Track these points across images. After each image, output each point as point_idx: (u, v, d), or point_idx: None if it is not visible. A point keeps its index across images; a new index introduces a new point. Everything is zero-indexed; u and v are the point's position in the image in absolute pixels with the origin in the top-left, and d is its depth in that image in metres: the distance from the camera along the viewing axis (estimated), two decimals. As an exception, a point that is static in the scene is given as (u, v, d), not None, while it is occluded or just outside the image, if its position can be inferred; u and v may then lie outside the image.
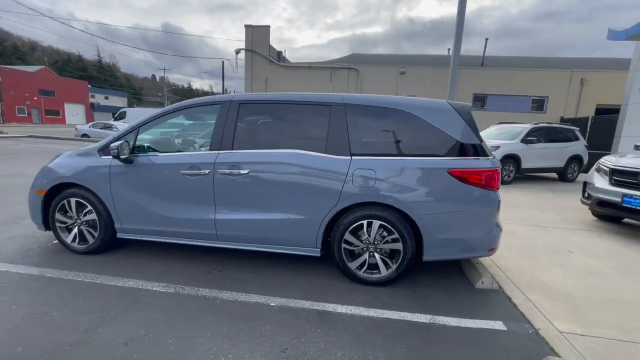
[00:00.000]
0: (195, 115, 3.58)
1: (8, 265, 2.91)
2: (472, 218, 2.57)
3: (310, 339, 2.05)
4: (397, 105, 2.69)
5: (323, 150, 2.69)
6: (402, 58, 20.53)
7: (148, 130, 3.13)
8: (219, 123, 2.89)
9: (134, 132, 3.05)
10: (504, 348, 2.01)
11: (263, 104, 2.91)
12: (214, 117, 3.04)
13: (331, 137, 2.70)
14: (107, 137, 3.23)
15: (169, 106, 3.10)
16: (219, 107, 2.93)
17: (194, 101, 3.07)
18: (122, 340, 1.98)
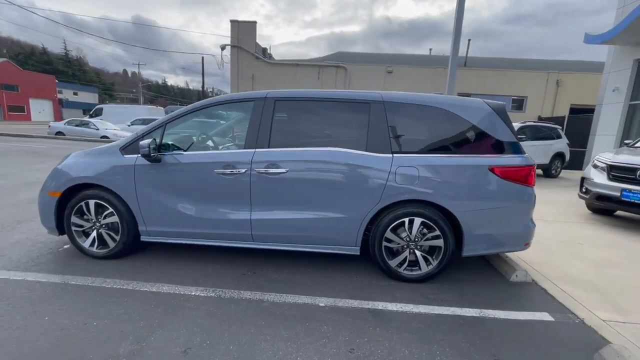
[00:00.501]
0: (212, 114, 3.45)
1: (23, 274, 2.69)
2: (510, 214, 2.65)
3: (373, 338, 2.04)
4: (437, 103, 2.72)
5: (364, 148, 2.68)
6: (387, 57, 20.80)
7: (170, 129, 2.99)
8: (253, 120, 2.80)
9: (161, 130, 2.90)
10: (558, 338, 2.09)
11: (299, 101, 2.84)
12: (242, 115, 2.96)
13: (371, 134, 2.69)
14: (129, 135, 3.05)
15: (198, 102, 2.97)
16: (253, 104, 2.84)
17: (226, 97, 2.96)
18: (180, 349, 1.88)
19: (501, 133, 2.66)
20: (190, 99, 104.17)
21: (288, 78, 17.77)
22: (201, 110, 2.95)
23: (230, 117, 3.88)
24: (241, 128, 3.10)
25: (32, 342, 1.89)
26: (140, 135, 2.92)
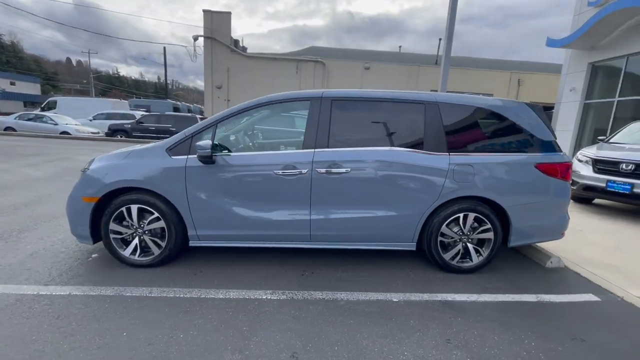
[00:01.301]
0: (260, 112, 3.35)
1: (66, 288, 2.47)
2: (551, 206, 2.92)
3: (460, 328, 2.17)
4: (485, 104, 2.89)
5: (421, 147, 2.78)
6: (362, 53, 21.10)
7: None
8: (311, 120, 2.78)
9: (212, 129, 2.78)
10: (611, 315, 2.37)
11: (355, 101, 2.86)
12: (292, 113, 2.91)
13: (428, 134, 2.80)
14: (175, 135, 2.87)
15: (251, 101, 2.87)
16: (310, 103, 2.82)
17: (281, 96, 2.89)
18: (287, 355, 1.87)
19: (542, 132, 2.90)
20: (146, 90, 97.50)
21: (265, 72, 17.40)
22: (255, 109, 2.86)
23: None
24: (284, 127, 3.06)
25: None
26: (189, 135, 2.77)
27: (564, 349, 1.99)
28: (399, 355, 1.89)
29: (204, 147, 2.52)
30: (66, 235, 3.50)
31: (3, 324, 2.02)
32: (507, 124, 2.88)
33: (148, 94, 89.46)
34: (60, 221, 3.90)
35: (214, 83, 17.37)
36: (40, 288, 2.45)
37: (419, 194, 2.76)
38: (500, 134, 2.89)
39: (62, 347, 1.84)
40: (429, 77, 17.72)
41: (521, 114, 2.90)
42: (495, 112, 2.88)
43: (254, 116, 3.11)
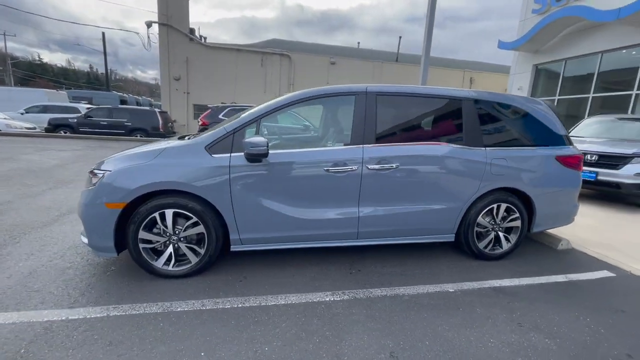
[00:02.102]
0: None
1: (95, 309, 2.14)
2: (567, 195, 3.22)
3: (523, 311, 2.31)
4: (514, 102, 3.09)
5: (462, 142, 2.88)
6: (326, 48, 21.12)
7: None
8: (358, 115, 2.72)
9: (256, 125, 2.58)
10: (630, 288, 2.71)
11: (397, 96, 2.86)
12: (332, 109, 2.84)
13: (467, 130, 2.91)
14: (211, 131, 2.61)
15: (295, 95, 2.72)
16: (355, 98, 2.75)
17: (327, 90, 2.77)
18: (386, 355, 1.83)
19: (558, 127, 3.18)
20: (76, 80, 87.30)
21: (228, 64, 16.59)
22: (299, 103, 2.71)
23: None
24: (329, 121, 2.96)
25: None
26: (230, 132, 2.54)
27: (614, 321, 2.23)
28: (487, 342, 1.97)
29: (259, 144, 2.33)
30: (61, 247, 3.04)
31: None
32: (532, 120, 3.11)
33: (80, 84, 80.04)
34: (41, 232, 3.37)
35: (171, 74, 16.11)
36: (67, 312, 2.10)
37: (462, 187, 2.87)
38: (526, 129, 3.11)
39: (141, 377, 1.59)
40: (392, 73, 18.39)
41: (541, 110, 3.15)
42: (523, 109, 3.09)
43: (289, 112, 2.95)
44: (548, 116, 3.16)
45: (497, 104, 3.04)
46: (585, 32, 10.79)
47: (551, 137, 3.15)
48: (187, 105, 16.66)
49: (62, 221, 3.76)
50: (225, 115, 8.19)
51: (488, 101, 3.01)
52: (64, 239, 3.27)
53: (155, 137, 13.04)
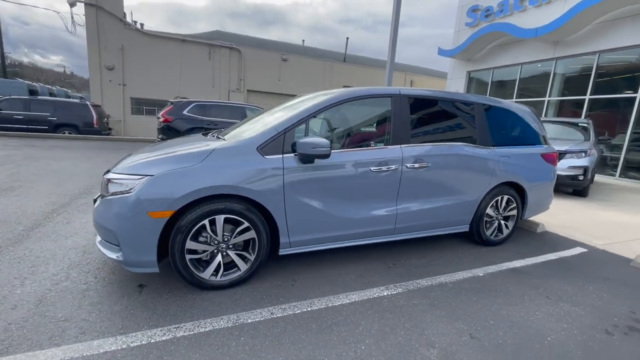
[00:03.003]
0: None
1: (155, 332, 1.92)
2: (547, 186, 3.82)
3: (544, 286, 2.72)
4: (511, 107, 3.55)
5: (475, 142, 3.22)
6: (272, 43, 20.74)
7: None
8: (396, 117, 2.86)
9: (304, 126, 2.54)
10: (601, 260, 3.36)
11: (424, 100, 3.06)
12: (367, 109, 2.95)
13: (479, 131, 3.26)
14: (262, 131, 2.47)
15: (338, 95, 2.71)
16: (391, 100, 2.88)
17: (367, 91, 2.83)
18: (467, 337, 2.01)
19: (540, 129, 3.75)
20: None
21: (172, 55, 15.25)
22: (344, 103, 2.73)
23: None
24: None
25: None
26: (281, 132, 2.45)
27: (608, 287, 2.77)
28: (535, 315, 2.29)
29: (321, 144, 2.30)
30: (58, 266, 2.62)
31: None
32: (524, 123, 3.61)
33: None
34: (16, 252, 2.83)
35: (102, 63, 14.16)
36: (124, 339, 1.84)
37: (478, 182, 3.22)
38: (521, 131, 3.60)
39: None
40: (341, 73, 18.96)
41: (529, 115, 3.68)
42: (516, 113, 3.57)
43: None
44: (533, 119, 3.71)
45: (499, 109, 3.47)
46: (509, 46, 12.57)
47: (536, 137, 3.70)
48: (123, 99, 14.87)
49: (34, 236, 3.16)
50: (191, 112, 7.58)
51: (491, 105, 3.41)
52: (54, 256, 2.77)
53: (89, 135, 11.42)
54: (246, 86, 16.92)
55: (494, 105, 3.44)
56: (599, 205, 5.70)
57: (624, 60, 9.47)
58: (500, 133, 3.44)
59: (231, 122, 7.93)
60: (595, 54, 10.04)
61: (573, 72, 10.96)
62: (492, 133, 3.34)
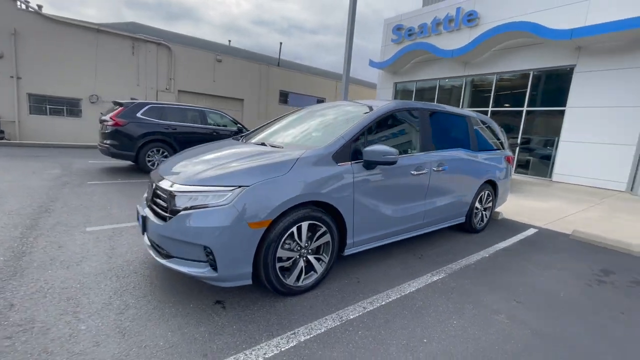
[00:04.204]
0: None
1: (278, 341, 1.96)
2: (508, 182, 4.80)
3: (538, 260, 3.51)
4: (486, 120, 4.38)
5: (469, 148, 3.93)
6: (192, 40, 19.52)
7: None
8: (423, 127, 3.32)
9: (364, 135, 2.78)
10: (551, 236, 4.43)
11: (437, 112, 3.60)
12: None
13: (471, 139, 3.98)
14: (333, 141, 2.60)
15: (386, 107, 3.01)
16: (419, 112, 3.33)
17: (408, 104, 3.22)
18: (513, 303, 2.57)
19: (500, 136, 4.72)
20: None
21: (84, 46, 13.09)
22: (394, 113, 3.07)
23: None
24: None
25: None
26: (349, 141, 2.65)
27: (569, 255, 3.74)
28: (541, 280, 3.00)
29: (391, 152, 2.57)
30: (105, 296, 2.36)
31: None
32: (494, 132, 4.51)
33: None
34: (28, 283, 2.41)
35: (-14, 49, 11.30)
36: (255, 353, 1.83)
37: (474, 181, 3.93)
38: (491, 138, 4.48)
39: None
40: (277, 77, 19.03)
41: (495, 125, 4.61)
42: (489, 124, 4.43)
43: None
44: (499, 129, 4.66)
45: (481, 121, 4.27)
46: (429, 62, 14.61)
47: (501, 143, 4.66)
48: (16, 95, 12.11)
49: (30, 266, 2.67)
50: (146, 114, 6.79)
51: (477, 118, 4.19)
52: (85, 285, 2.41)
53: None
54: (177, 86, 15.61)
55: (479, 118, 4.23)
56: (518, 196, 7.24)
57: (514, 80, 12.05)
58: (482, 140, 4.24)
59: (192, 126, 7.41)
60: (494, 74, 12.51)
61: (479, 88, 13.40)
62: (478, 141, 4.11)
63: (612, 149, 9.54)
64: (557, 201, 6.85)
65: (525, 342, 2.08)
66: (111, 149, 6.48)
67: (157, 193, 2.45)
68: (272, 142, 2.97)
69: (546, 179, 10.82)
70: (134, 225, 3.72)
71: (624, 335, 2.25)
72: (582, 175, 10.07)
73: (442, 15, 13.86)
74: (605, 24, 8.90)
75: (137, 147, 6.61)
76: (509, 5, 11.65)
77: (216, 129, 7.81)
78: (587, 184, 9.88)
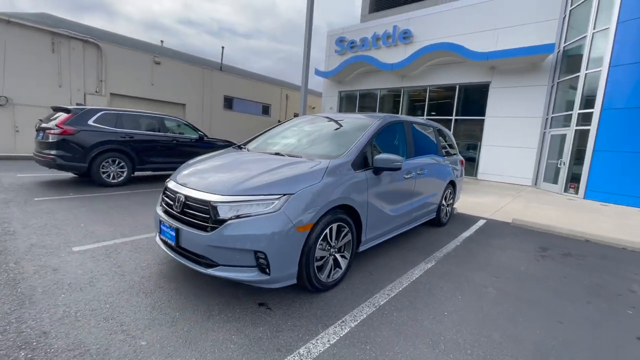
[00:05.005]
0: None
1: (328, 339, 2.23)
2: (462, 182, 5.68)
3: (505, 245, 4.30)
4: (444, 130, 5.16)
5: (437, 154, 4.62)
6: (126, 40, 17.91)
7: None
8: (408, 137, 3.85)
9: (370, 145, 3.16)
10: (497, 225, 5.38)
11: (414, 124, 4.18)
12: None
13: (438, 146, 4.68)
14: (349, 151, 2.91)
15: (382, 120, 3.43)
16: (403, 124, 3.85)
17: (399, 117, 3.71)
18: (493, 279, 3.21)
19: (453, 142, 5.58)
20: None
21: (-11, 39, 11.09)
22: (390, 125, 3.52)
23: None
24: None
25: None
26: (361, 150, 3.01)
27: (517, 239, 4.64)
28: (505, 259, 3.75)
29: (398, 160, 3.00)
30: (136, 314, 2.29)
31: None
32: (451, 140, 5.33)
33: None
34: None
35: None
36: (323, 341, 2.07)
37: (443, 182, 4.62)
38: (450, 146, 5.29)
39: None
40: (220, 81, 18.46)
41: (450, 134, 5.44)
42: (447, 134, 5.24)
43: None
44: (452, 136, 5.50)
45: (441, 130, 5.03)
46: (371, 74, 15.82)
47: (457, 149, 5.51)
48: None
49: (37, 291, 2.44)
50: (100, 122, 6.16)
51: (439, 129, 4.93)
52: (113, 303, 2.34)
53: None
54: (109, 89, 14.11)
55: (440, 128, 4.97)
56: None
57: (444, 93, 13.82)
58: (444, 147, 4.99)
59: (151, 134, 6.97)
60: (426, 87, 14.17)
61: (415, 98, 15.00)
62: (443, 147, 4.84)
63: (520, 152, 11.64)
64: (489, 196, 8.19)
65: (514, 306, 2.68)
66: (58, 161, 5.75)
67: (188, 204, 2.48)
68: (290, 152, 3.16)
69: (473, 178, 12.64)
70: (125, 242, 3.51)
71: (570, 291, 3.02)
72: (500, 173, 12.05)
73: (381, 32, 15.19)
74: (508, 50, 10.90)
75: (90, 158, 5.99)
76: (438, 27, 13.37)
77: (176, 137, 7.45)
78: (504, 181, 11.86)
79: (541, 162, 11.22)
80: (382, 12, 18.77)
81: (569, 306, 2.75)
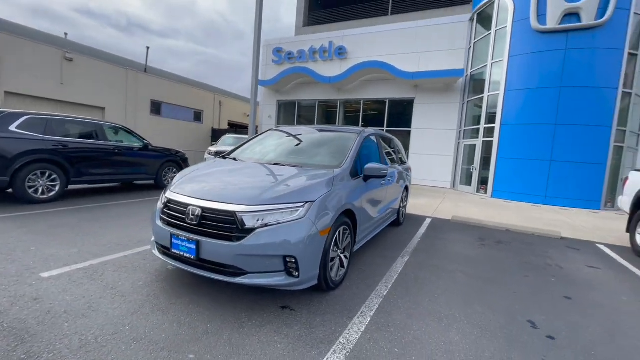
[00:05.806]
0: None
1: (356, 331, 2.53)
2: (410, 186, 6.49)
3: (460, 238, 5.09)
4: (398, 142, 5.89)
5: (397, 163, 5.27)
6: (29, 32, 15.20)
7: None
8: (380, 148, 4.36)
9: (358, 156, 3.54)
10: (441, 222, 6.29)
11: (384, 136, 4.73)
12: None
13: (398, 156, 5.34)
14: (345, 162, 3.21)
15: (367, 133, 3.83)
16: (377, 136, 4.35)
17: (375, 131, 4.14)
18: (458, 266, 3.89)
19: (403, 152, 6.38)
20: None
21: None
22: (371, 139, 3.93)
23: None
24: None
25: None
26: (355, 161, 3.37)
27: (460, 233, 5.54)
28: (457, 249, 4.51)
29: (384, 168, 3.42)
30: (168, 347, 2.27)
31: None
32: (404, 151, 6.08)
33: None
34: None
35: None
36: (355, 331, 2.34)
37: (401, 187, 5.27)
38: (403, 155, 6.03)
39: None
40: (148, 85, 16.94)
41: (400, 143, 6.22)
42: (398, 144, 5.98)
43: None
44: (402, 146, 6.29)
45: (392, 140, 5.73)
46: (310, 85, 16.46)
47: (406, 158, 6.31)
48: None
49: (31, 324, 2.18)
50: (24, 128, 5.19)
51: (392, 139, 5.62)
52: (132, 325, 2.24)
53: None
54: (3, 87, 11.76)
55: (393, 139, 5.67)
56: (400, 196, 9.49)
57: (376, 106, 15.22)
58: (395, 157, 5.70)
59: (87, 142, 6.19)
60: (360, 100, 15.41)
61: (350, 110, 16.12)
62: (400, 157, 5.53)
63: (440, 159, 13.53)
64: (424, 198, 9.40)
65: (480, 284, 3.34)
66: (-31, 174, 4.72)
67: (206, 216, 2.49)
68: (290, 162, 3.34)
69: (404, 182, 14.16)
70: (103, 262, 3.19)
71: (511, 269, 3.86)
72: (426, 178, 13.77)
73: (317, 46, 15.99)
74: (428, 72, 12.74)
75: (12, 170, 5.06)
76: (370, 46, 14.72)
77: (118, 146, 6.75)
78: (431, 185, 13.60)
79: (457, 167, 13.23)
80: (315, 27, 19.73)
81: (514, 280, 3.54)
